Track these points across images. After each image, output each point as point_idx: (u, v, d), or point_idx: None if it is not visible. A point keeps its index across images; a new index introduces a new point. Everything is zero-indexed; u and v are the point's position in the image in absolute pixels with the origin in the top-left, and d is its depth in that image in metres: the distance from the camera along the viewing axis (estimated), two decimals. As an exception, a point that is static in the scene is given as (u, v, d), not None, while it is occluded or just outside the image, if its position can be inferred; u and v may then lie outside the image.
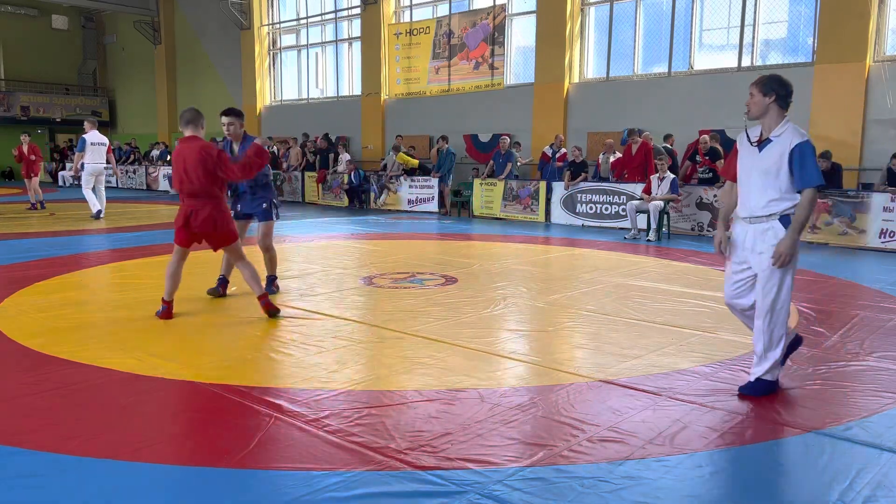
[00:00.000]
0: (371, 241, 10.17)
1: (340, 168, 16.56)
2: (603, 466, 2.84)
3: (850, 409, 3.52)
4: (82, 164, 12.31)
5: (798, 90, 13.36)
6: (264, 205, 6.13)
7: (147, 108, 27.44)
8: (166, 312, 5.29)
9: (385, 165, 16.03)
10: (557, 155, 13.31)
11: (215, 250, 5.43)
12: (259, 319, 5.32)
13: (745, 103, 3.79)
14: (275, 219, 6.23)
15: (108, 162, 12.65)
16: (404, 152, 15.62)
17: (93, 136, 12.27)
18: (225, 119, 5.84)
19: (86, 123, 12.69)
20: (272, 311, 5.30)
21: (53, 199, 17.80)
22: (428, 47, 17.14)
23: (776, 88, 3.73)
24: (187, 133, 5.16)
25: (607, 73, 14.38)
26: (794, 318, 5.42)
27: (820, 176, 3.55)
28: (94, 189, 12.48)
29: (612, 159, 12.67)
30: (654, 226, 10.47)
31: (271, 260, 6.32)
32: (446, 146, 14.61)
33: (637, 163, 11.92)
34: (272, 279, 6.34)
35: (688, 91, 13.13)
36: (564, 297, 6.21)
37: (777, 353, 3.71)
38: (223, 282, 6.17)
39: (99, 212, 12.41)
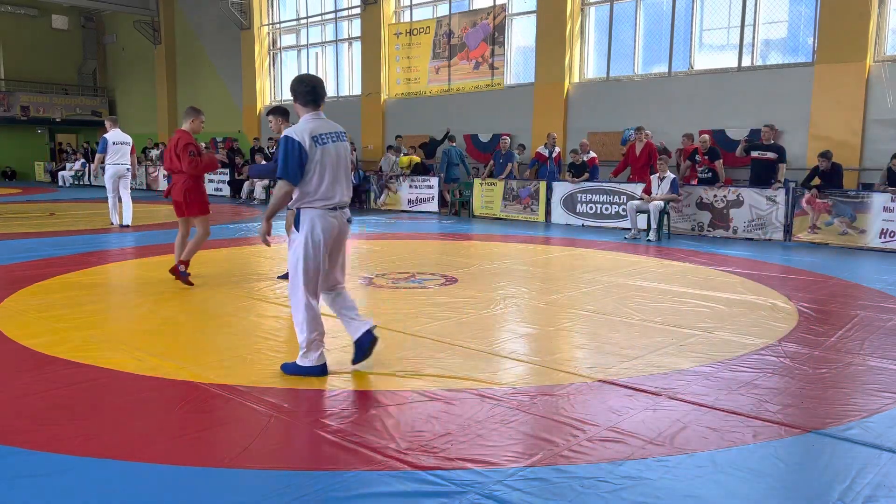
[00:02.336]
0: (371, 241, 10.17)
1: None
2: (603, 466, 2.84)
3: (850, 409, 3.52)
4: (103, 167, 11.42)
5: (798, 90, 13.30)
6: None
7: (147, 108, 27.44)
8: (177, 272, 6.52)
9: (381, 168, 16.02)
10: (553, 154, 13.30)
11: (182, 216, 6.59)
12: (259, 319, 5.33)
13: None
14: None
15: (130, 163, 11.46)
16: (404, 154, 15.64)
17: (115, 135, 11.29)
18: (268, 117, 6.79)
19: (106, 122, 11.68)
20: (180, 279, 6.50)
21: (53, 200, 17.81)
22: (428, 47, 17.14)
23: (294, 88, 3.84)
24: (184, 126, 6.61)
25: (607, 73, 14.38)
26: (793, 318, 5.43)
27: (279, 168, 3.71)
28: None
29: (585, 158, 12.70)
30: (654, 226, 10.47)
31: None
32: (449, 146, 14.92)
33: (642, 163, 11.95)
34: None
35: (688, 91, 13.13)
36: (564, 297, 6.21)
37: (301, 338, 3.88)
38: None
39: (125, 226, 11.37)
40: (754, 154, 10.91)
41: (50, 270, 7.24)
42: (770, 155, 10.70)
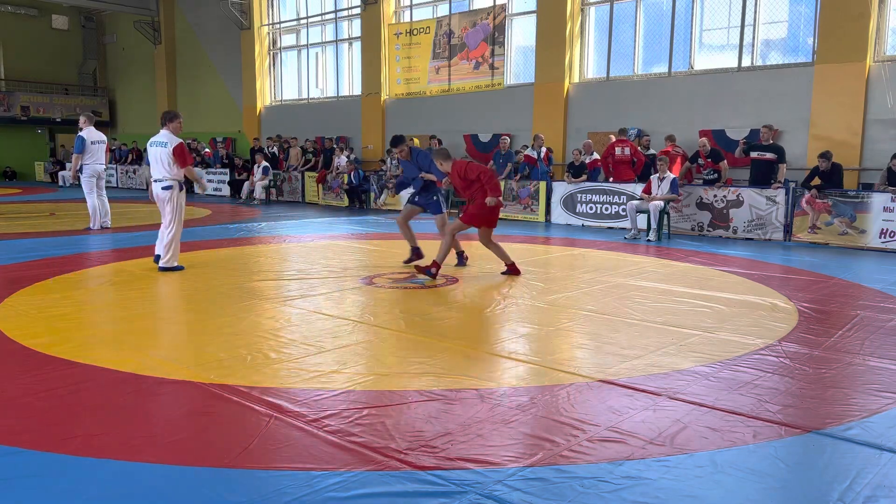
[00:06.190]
0: (371, 241, 10.16)
1: (341, 168, 16.56)
2: (603, 466, 2.84)
3: (850, 409, 3.52)
4: (81, 167, 10.89)
5: (798, 90, 13.35)
6: (434, 197, 7.77)
7: (147, 108, 27.43)
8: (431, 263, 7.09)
9: (384, 168, 16.04)
10: (542, 155, 13.30)
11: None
12: (259, 319, 5.32)
13: None
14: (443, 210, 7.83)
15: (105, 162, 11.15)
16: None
17: (91, 133, 10.85)
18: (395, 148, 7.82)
19: (82, 119, 10.99)
20: (425, 272, 7.01)
21: (53, 200, 17.80)
22: (428, 47, 17.14)
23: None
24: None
25: (607, 73, 14.38)
26: (793, 318, 5.44)
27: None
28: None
29: (588, 160, 12.75)
30: (654, 226, 10.47)
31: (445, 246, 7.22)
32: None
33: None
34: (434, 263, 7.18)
35: (688, 91, 13.12)
36: (564, 297, 6.20)
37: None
38: (416, 251, 7.87)
39: (103, 224, 11.09)
40: (754, 154, 10.92)
41: (50, 270, 7.24)
42: (769, 155, 10.71)
